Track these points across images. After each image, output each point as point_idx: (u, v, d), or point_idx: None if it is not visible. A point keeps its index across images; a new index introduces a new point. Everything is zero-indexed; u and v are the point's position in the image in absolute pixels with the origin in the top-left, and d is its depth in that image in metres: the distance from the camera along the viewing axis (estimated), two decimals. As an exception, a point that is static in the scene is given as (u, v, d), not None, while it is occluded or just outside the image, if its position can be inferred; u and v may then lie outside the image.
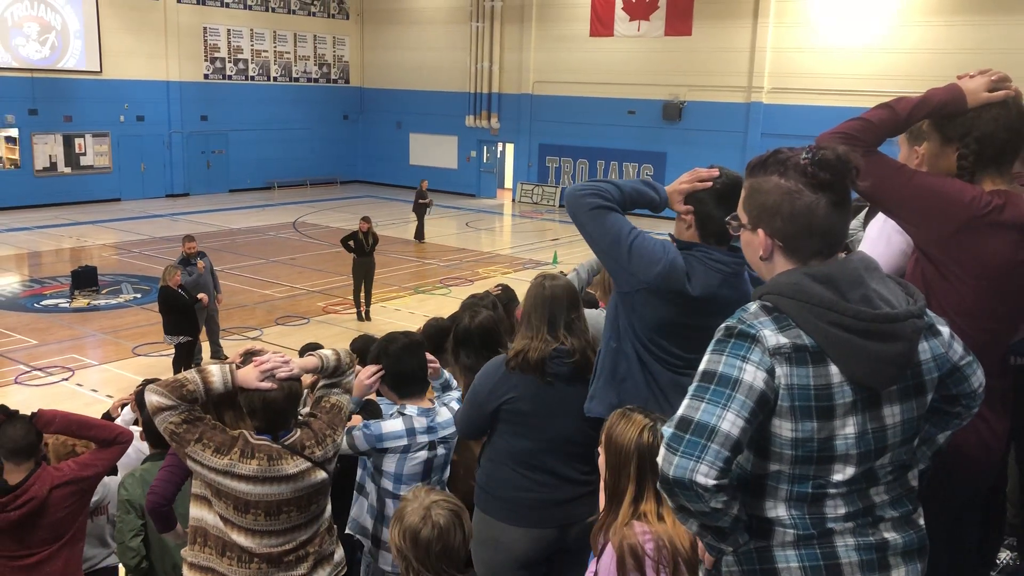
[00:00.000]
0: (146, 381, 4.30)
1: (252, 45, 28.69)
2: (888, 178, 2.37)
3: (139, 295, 15.25)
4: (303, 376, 3.01)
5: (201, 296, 10.97)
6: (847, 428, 1.79)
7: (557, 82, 27.15)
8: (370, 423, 3.38)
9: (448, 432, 3.48)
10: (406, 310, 14.65)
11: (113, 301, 14.96)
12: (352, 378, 3.19)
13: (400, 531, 2.44)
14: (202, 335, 11.32)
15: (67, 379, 11.22)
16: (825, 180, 1.79)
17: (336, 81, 31.49)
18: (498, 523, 3.19)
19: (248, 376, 2.81)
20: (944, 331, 1.94)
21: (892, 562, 1.88)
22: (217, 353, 11.67)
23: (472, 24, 28.38)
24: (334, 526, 3.13)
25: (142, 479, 3.85)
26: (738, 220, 1.96)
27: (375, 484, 3.45)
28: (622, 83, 25.52)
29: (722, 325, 1.84)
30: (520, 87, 28.12)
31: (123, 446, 3.86)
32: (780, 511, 1.86)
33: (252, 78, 28.81)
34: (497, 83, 28.54)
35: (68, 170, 24.71)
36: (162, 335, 11.06)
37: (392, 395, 3.57)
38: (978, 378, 2.01)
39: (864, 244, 2.79)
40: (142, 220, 22.84)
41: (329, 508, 3.08)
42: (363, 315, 14.04)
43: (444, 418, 3.48)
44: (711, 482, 1.70)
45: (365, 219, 14.24)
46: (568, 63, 26.75)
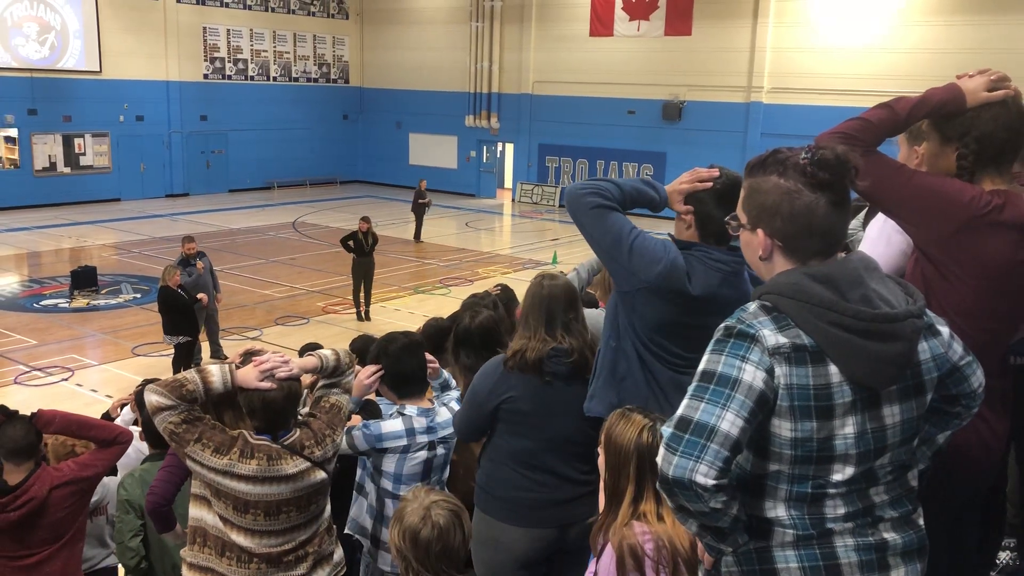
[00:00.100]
0: (146, 381, 4.30)
1: (252, 45, 28.69)
2: (888, 178, 2.37)
3: (139, 295, 15.25)
4: (303, 376, 3.01)
5: (201, 296, 10.99)
6: (846, 428, 1.79)
7: (557, 82, 27.15)
8: (369, 423, 3.38)
9: (447, 432, 3.47)
10: (406, 310, 14.65)
11: (113, 301, 14.96)
12: (352, 378, 3.19)
13: (400, 531, 2.45)
14: (202, 335, 11.32)
15: (67, 379, 11.22)
16: (824, 180, 1.79)
17: (336, 81, 31.49)
18: (498, 523, 3.18)
19: (248, 376, 2.81)
20: (944, 331, 1.94)
21: (892, 562, 1.88)
22: (217, 353, 11.67)
23: (472, 24, 28.38)
24: (333, 526, 3.13)
25: (141, 479, 3.85)
26: (737, 220, 1.96)
27: (374, 484, 3.45)
28: (622, 83, 25.51)
29: (721, 325, 1.84)
30: (520, 87, 28.12)
31: (123, 446, 3.86)
32: (779, 511, 1.86)
33: (252, 78, 28.81)
34: (497, 83, 28.54)
35: (67, 170, 24.71)
36: (161, 335, 11.05)
37: (391, 395, 3.56)
38: (978, 378, 2.01)
39: (864, 244, 2.79)
40: (142, 220, 22.84)
41: (328, 508, 3.08)
42: (363, 315, 14.04)
43: (443, 418, 3.48)
44: (710, 482, 1.70)
45: (365, 219, 14.24)
46: (568, 63, 26.75)
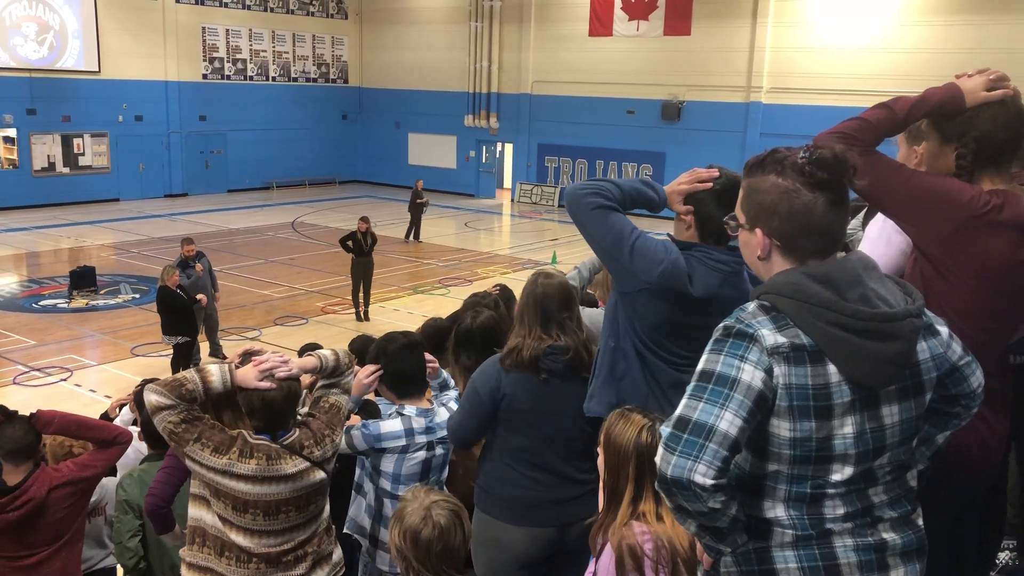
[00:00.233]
0: (145, 381, 4.30)
1: (251, 45, 28.67)
2: (887, 178, 2.37)
3: (137, 295, 15.24)
4: (302, 376, 3.01)
5: (200, 296, 10.98)
6: (845, 428, 1.79)
7: (556, 82, 27.15)
8: (368, 423, 3.37)
9: (446, 432, 3.47)
10: (405, 310, 14.64)
11: (111, 301, 14.95)
12: (351, 378, 3.19)
13: (400, 531, 2.44)
14: (200, 335, 11.31)
15: (65, 379, 11.21)
16: (822, 179, 1.79)
17: (335, 81, 31.48)
18: (499, 523, 3.18)
19: (247, 376, 2.81)
20: (943, 331, 1.94)
21: (891, 562, 1.88)
22: (216, 351, 11.66)
23: (471, 24, 28.38)
24: (332, 526, 3.12)
25: (140, 479, 3.85)
26: (736, 220, 1.96)
27: (373, 484, 3.44)
28: (621, 83, 25.51)
29: (720, 324, 1.84)
30: (519, 87, 28.12)
31: (122, 447, 3.86)
32: (779, 511, 1.86)
33: (251, 78, 28.80)
34: (496, 83, 28.53)
35: (66, 170, 24.70)
36: (160, 335, 11.04)
37: (391, 395, 3.56)
38: (977, 378, 2.01)
39: (864, 244, 2.79)
40: (141, 220, 22.83)
41: (328, 508, 3.08)
42: (362, 315, 14.03)
43: (442, 418, 3.47)
44: (709, 482, 1.70)
45: (364, 219, 14.24)
46: (567, 63, 26.75)
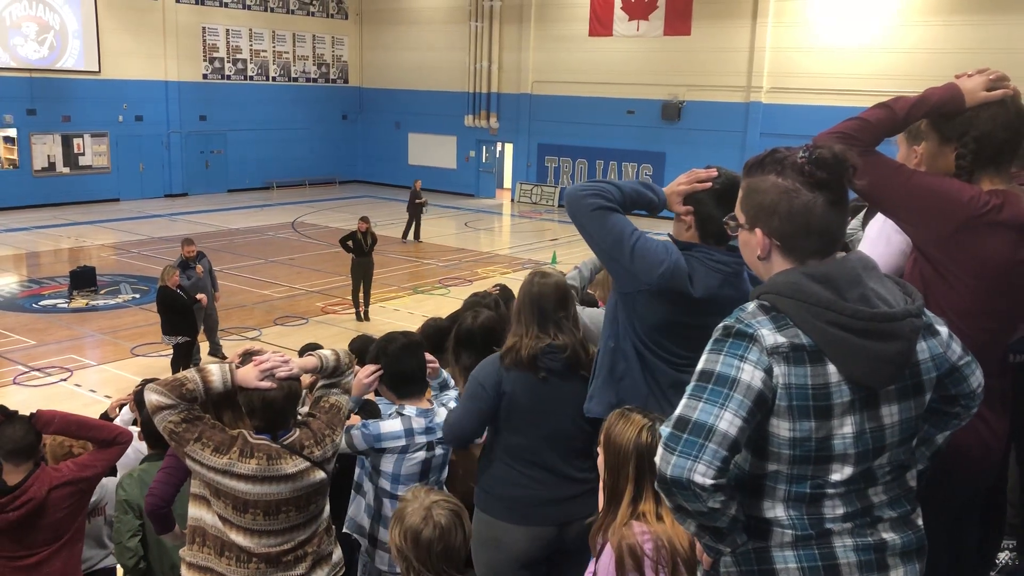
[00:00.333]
0: (145, 381, 4.30)
1: (251, 45, 28.67)
2: (886, 178, 2.37)
3: (137, 295, 15.24)
4: (302, 376, 3.01)
5: (200, 296, 10.97)
6: (845, 428, 1.79)
7: (556, 82, 27.15)
8: (368, 423, 3.37)
9: (443, 430, 3.46)
10: (405, 310, 14.64)
11: (111, 301, 14.95)
12: (351, 378, 3.19)
13: (401, 532, 2.44)
14: (200, 335, 11.30)
15: (65, 379, 11.21)
16: (822, 179, 1.79)
17: (335, 81, 31.48)
18: (499, 523, 3.18)
19: (248, 375, 2.81)
20: (942, 331, 1.94)
21: (890, 562, 1.88)
22: (216, 351, 11.65)
23: (471, 24, 28.38)
24: (332, 526, 3.12)
25: (140, 479, 3.85)
26: (735, 220, 1.96)
27: (372, 483, 3.44)
28: (621, 83, 25.51)
29: (720, 324, 1.84)
30: (519, 87, 28.11)
31: (122, 447, 3.86)
32: (778, 511, 1.86)
33: (251, 78, 28.80)
34: (496, 83, 28.53)
35: (66, 170, 24.69)
36: (160, 335, 11.04)
37: (391, 395, 3.55)
38: (977, 378, 2.01)
39: (863, 244, 2.79)
40: (141, 220, 22.83)
41: (328, 508, 3.08)
42: (362, 315, 14.03)
43: (442, 418, 3.46)
44: (708, 481, 1.70)
45: (364, 219, 14.24)
46: (567, 63, 26.74)
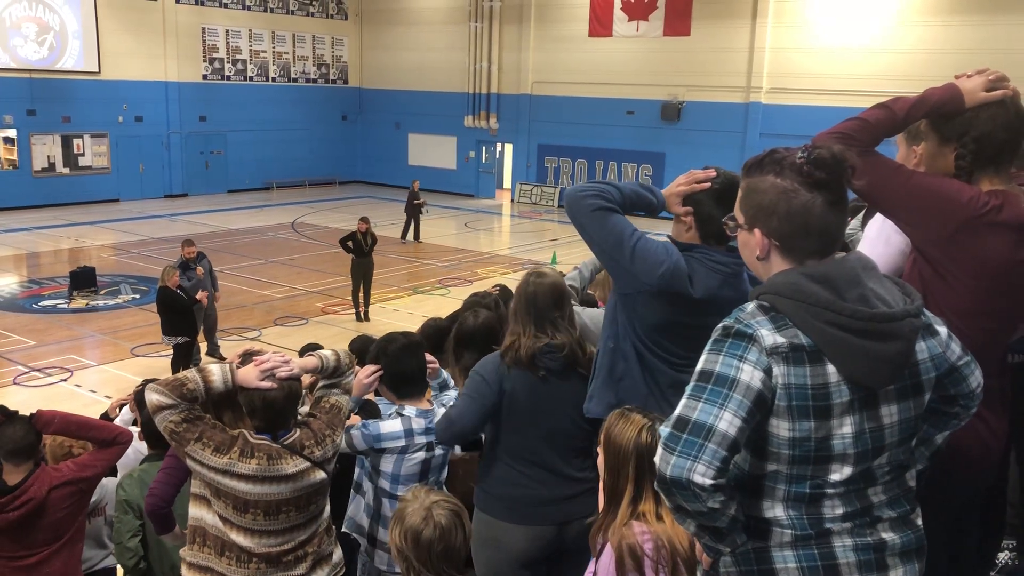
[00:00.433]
0: (145, 381, 4.30)
1: (250, 45, 28.67)
2: (885, 178, 2.37)
3: (137, 296, 15.24)
4: (303, 376, 3.01)
5: (200, 296, 10.97)
6: (844, 428, 1.79)
7: (556, 82, 27.15)
8: (368, 423, 3.37)
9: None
10: (405, 310, 14.64)
11: (112, 302, 14.95)
12: (351, 379, 3.19)
13: (401, 532, 2.44)
14: (200, 336, 11.30)
15: (66, 380, 11.21)
16: (821, 179, 1.79)
17: (335, 81, 31.48)
18: (499, 523, 3.19)
19: (248, 375, 2.81)
20: (942, 331, 1.94)
21: (890, 562, 1.88)
22: (214, 351, 11.63)
23: (471, 24, 28.38)
24: (332, 526, 3.13)
25: (140, 479, 3.85)
26: (735, 220, 1.96)
27: (372, 483, 3.44)
28: (621, 83, 25.51)
29: (719, 325, 1.84)
30: (519, 87, 28.11)
31: (122, 447, 3.86)
32: (778, 511, 1.86)
33: (250, 78, 28.80)
34: (496, 83, 28.53)
35: (66, 171, 24.69)
36: (160, 336, 11.03)
37: (391, 395, 3.56)
38: (976, 378, 2.01)
39: (863, 244, 2.79)
40: (141, 221, 22.83)
41: (328, 508, 3.08)
42: (362, 315, 14.03)
43: (442, 419, 3.47)
44: (708, 482, 1.71)
45: (364, 219, 14.24)
46: (567, 63, 26.75)
